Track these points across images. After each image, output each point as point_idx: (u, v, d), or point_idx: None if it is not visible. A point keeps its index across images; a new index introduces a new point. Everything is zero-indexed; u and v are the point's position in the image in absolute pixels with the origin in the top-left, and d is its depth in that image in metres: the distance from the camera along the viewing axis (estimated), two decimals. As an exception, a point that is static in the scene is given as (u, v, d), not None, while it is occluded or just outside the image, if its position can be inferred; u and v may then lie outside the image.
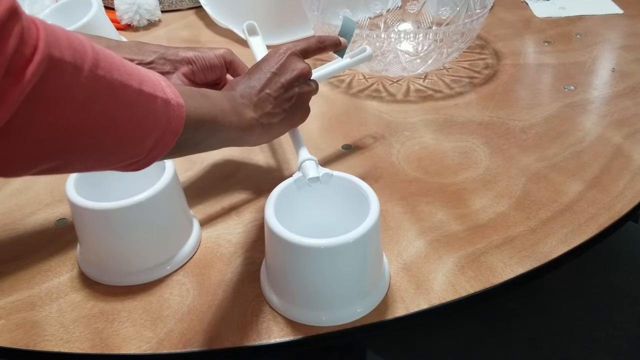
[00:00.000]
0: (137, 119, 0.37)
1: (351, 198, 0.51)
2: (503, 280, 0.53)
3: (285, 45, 0.56)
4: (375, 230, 0.48)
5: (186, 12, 1.14)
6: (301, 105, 0.57)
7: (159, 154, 0.40)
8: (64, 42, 0.31)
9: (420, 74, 0.88)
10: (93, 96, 0.33)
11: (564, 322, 0.71)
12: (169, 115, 0.39)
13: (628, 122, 0.75)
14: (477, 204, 0.62)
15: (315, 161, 0.54)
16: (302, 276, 0.49)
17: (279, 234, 0.46)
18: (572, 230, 0.58)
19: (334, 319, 0.49)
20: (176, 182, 0.55)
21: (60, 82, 0.31)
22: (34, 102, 0.30)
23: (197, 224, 0.60)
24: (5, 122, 0.29)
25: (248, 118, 0.51)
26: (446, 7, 0.95)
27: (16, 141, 0.31)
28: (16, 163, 0.32)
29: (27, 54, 0.29)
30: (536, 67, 0.90)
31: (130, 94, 0.36)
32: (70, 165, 0.36)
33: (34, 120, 0.31)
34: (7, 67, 0.28)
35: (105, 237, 0.53)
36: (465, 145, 0.72)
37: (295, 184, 0.52)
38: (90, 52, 0.33)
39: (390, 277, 0.54)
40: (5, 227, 0.62)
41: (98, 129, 0.35)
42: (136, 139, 0.38)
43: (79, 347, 0.48)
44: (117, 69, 0.35)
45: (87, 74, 0.32)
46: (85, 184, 0.54)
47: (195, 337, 0.49)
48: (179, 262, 0.56)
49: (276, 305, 0.51)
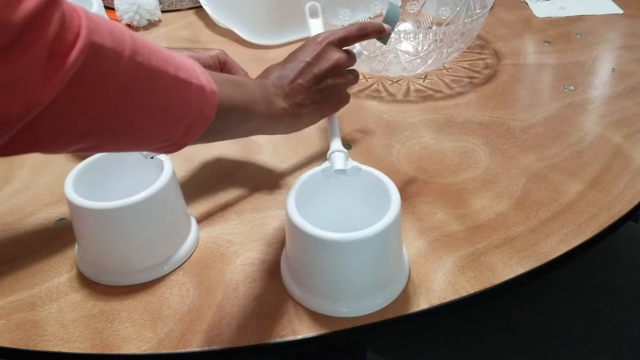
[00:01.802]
0: (172, 104, 0.38)
1: (372, 191, 0.51)
2: (503, 280, 0.53)
3: (324, 34, 0.55)
4: (396, 225, 0.48)
5: (186, 12, 1.14)
6: (334, 96, 0.56)
7: (190, 139, 0.41)
8: (104, 29, 0.33)
9: (420, 74, 0.88)
10: (131, 82, 0.35)
11: (564, 322, 0.71)
12: (202, 102, 0.40)
13: (628, 122, 0.75)
14: (477, 204, 0.62)
15: (345, 153, 0.53)
16: (322, 269, 0.49)
17: (300, 227, 0.47)
18: (572, 230, 0.58)
19: (354, 310, 0.50)
20: (174, 182, 0.55)
21: (101, 68, 0.32)
22: (76, 86, 0.31)
23: (195, 224, 0.60)
24: (48, 103, 0.30)
25: (278, 107, 0.51)
26: (446, 7, 0.95)
27: (57, 122, 0.32)
28: (56, 142, 0.34)
29: (70, 40, 0.30)
30: (536, 67, 0.90)
31: (166, 80, 0.37)
32: (105, 146, 0.37)
33: (75, 102, 0.32)
34: (50, 52, 0.29)
35: (104, 236, 0.53)
36: (465, 145, 0.72)
37: (323, 173, 0.52)
38: (129, 39, 0.34)
39: (410, 269, 0.54)
40: (5, 227, 0.62)
41: (134, 113, 0.36)
42: (170, 123, 0.39)
43: (79, 347, 0.48)
44: (154, 56, 0.36)
45: (126, 60, 0.34)
46: (84, 184, 0.54)
47: (195, 337, 0.49)
48: (177, 261, 0.56)
49: (297, 295, 0.51)
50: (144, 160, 0.56)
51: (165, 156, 0.56)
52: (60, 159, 0.72)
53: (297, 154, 0.72)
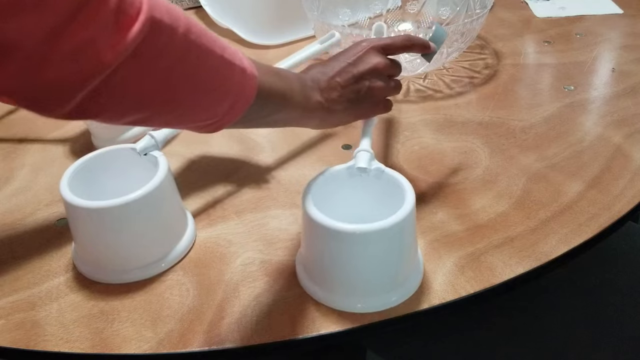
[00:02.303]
0: (217, 82, 0.40)
1: (391, 196, 0.52)
2: (503, 280, 0.53)
3: (369, 39, 0.56)
4: (411, 219, 0.49)
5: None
6: (370, 98, 0.56)
7: (231, 119, 0.43)
8: (162, 6, 0.35)
9: (420, 74, 0.88)
10: (183, 57, 0.37)
11: (564, 322, 0.71)
12: (244, 84, 0.42)
13: (628, 122, 0.75)
14: (477, 204, 0.62)
15: (370, 154, 0.54)
16: (337, 262, 0.49)
17: (316, 219, 0.47)
18: (572, 230, 0.58)
19: (368, 307, 0.50)
20: (169, 178, 0.55)
21: (158, 42, 0.35)
22: (137, 57, 0.33)
23: (192, 220, 0.60)
24: (110, 72, 0.33)
25: (313, 101, 0.52)
26: (446, 7, 0.95)
27: (116, 91, 0.34)
28: (111, 111, 0.36)
29: (133, 14, 0.32)
30: (536, 67, 0.90)
31: (213, 59, 0.39)
32: (153, 119, 0.39)
33: (134, 73, 0.34)
34: (115, 23, 0.32)
35: (100, 235, 0.53)
36: (465, 145, 0.72)
37: (347, 170, 0.53)
38: (183, 18, 0.37)
39: (424, 268, 0.54)
40: (5, 227, 0.62)
41: (183, 87, 0.38)
42: (214, 101, 0.41)
43: (79, 347, 0.48)
44: (204, 35, 0.38)
45: (180, 37, 0.36)
46: (80, 183, 0.54)
47: (195, 337, 0.49)
48: (175, 258, 0.56)
49: (310, 290, 0.52)
50: (139, 157, 0.56)
51: (160, 152, 0.56)
52: (60, 158, 0.72)
53: (298, 154, 0.72)
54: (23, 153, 0.74)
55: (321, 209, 0.48)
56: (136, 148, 0.57)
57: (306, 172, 0.68)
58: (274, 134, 0.75)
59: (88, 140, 0.75)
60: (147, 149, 0.57)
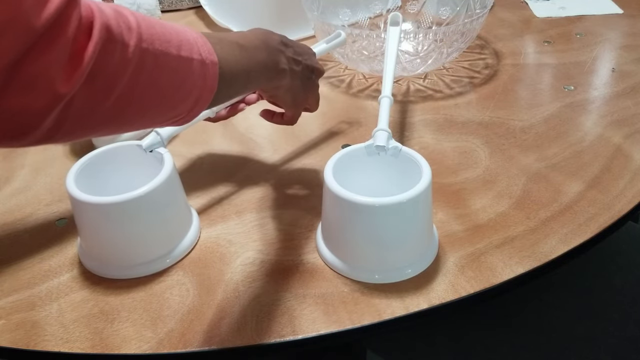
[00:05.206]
0: (178, 83, 0.40)
1: (402, 169, 0.54)
2: (503, 280, 0.53)
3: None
4: (427, 194, 0.51)
5: (186, 12, 1.14)
6: (312, 90, 0.60)
7: (199, 111, 0.43)
8: (113, 22, 0.34)
9: (420, 74, 0.88)
10: (140, 69, 0.36)
11: (564, 322, 0.71)
12: (206, 75, 0.42)
13: (628, 122, 0.75)
14: (477, 204, 0.62)
15: (388, 133, 0.56)
16: (357, 234, 0.52)
17: (337, 193, 0.50)
18: (572, 230, 0.58)
19: (386, 277, 0.53)
20: (175, 174, 0.55)
21: (111, 60, 0.34)
22: (91, 83, 0.33)
23: (197, 217, 0.60)
24: (70, 98, 0.33)
25: (280, 68, 0.53)
26: (446, 7, 0.95)
27: (75, 117, 0.34)
28: (78, 132, 0.36)
29: (86, 37, 0.32)
30: (536, 67, 0.90)
31: (170, 61, 0.39)
32: (124, 128, 0.40)
33: (90, 98, 0.34)
34: (71, 49, 0.31)
35: (106, 230, 0.53)
36: (465, 145, 0.72)
37: (366, 149, 0.56)
38: (134, 27, 0.36)
39: (439, 244, 0.56)
40: (5, 227, 0.62)
41: (145, 97, 0.38)
42: (178, 101, 0.41)
43: (79, 347, 0.48)
44: (157, 39, 0.38)
45: (133, 49, 0.35)
46: (85, 179, 0.54)
47: (195, 337, 0.49)
48: (180, 254, 0.56)
49: (329, 261, 0.54)
50: (144, 154, 0.57)
51: (165, 149, 0.57)
52: (60, 158, 0.72)
53: (298, 154, 0.72)
54: (23, 153, 0.74)
55: (341, 185, 0.50)
56: (142, 145, 0.57)
57: (306, 173, 0.68)
58: (275, 134, 0.75)
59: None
60: (152, 145, 0.57)
